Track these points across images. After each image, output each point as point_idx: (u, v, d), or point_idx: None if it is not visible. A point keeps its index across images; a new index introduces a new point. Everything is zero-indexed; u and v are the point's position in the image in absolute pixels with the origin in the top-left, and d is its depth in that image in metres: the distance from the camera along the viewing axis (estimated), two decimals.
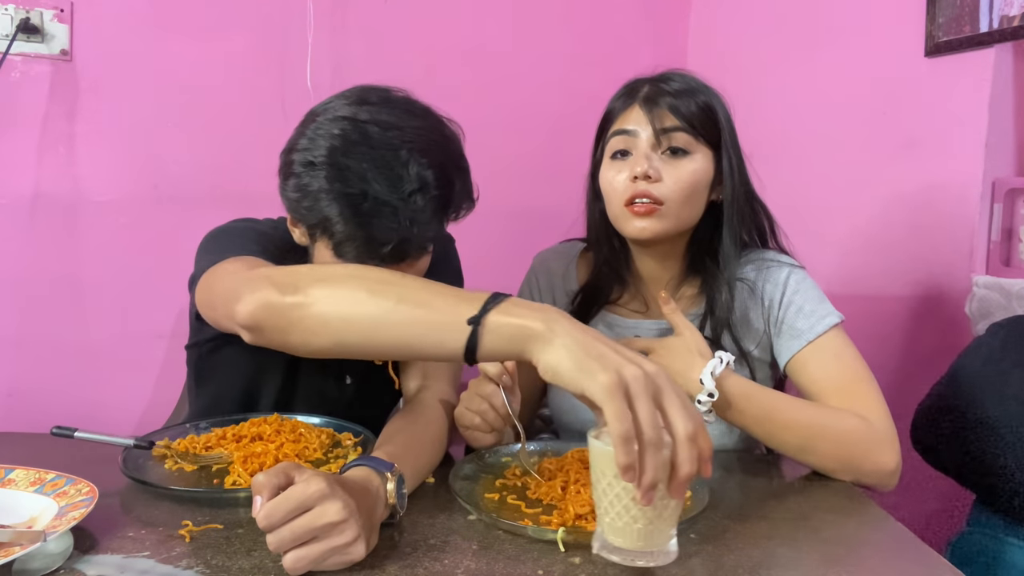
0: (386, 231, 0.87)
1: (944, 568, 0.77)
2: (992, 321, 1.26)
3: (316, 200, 0.88)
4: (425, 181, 0.88)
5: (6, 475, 0.83)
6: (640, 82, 1.11)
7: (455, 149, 0.96)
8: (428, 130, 0.93)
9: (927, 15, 1.48)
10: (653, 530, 0.68)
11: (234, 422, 1.05)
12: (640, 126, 1.06)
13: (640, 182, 1.04)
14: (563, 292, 1.22)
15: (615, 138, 1.08)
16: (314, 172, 0.88)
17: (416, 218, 0.88)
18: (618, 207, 1.07)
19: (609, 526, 0.70)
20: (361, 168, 0.86)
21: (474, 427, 0.96)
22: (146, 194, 1.81)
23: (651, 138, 1.05)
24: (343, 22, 1.88)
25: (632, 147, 1.07)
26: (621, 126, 1.08)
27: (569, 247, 1.27)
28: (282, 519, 0.67)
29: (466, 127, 2.06)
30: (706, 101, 1.08)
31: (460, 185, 0.94)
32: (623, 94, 1.11)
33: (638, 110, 1.07)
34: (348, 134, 0.88)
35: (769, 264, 1.12)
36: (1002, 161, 1.45)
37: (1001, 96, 1.42)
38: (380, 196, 0.86)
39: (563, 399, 1.18)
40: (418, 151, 0.89)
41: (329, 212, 0.88)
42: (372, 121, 0.89)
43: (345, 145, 0.87)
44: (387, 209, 0.86)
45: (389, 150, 0.87)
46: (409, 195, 0.87)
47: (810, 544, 0.81)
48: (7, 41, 1.68)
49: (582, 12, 2.04)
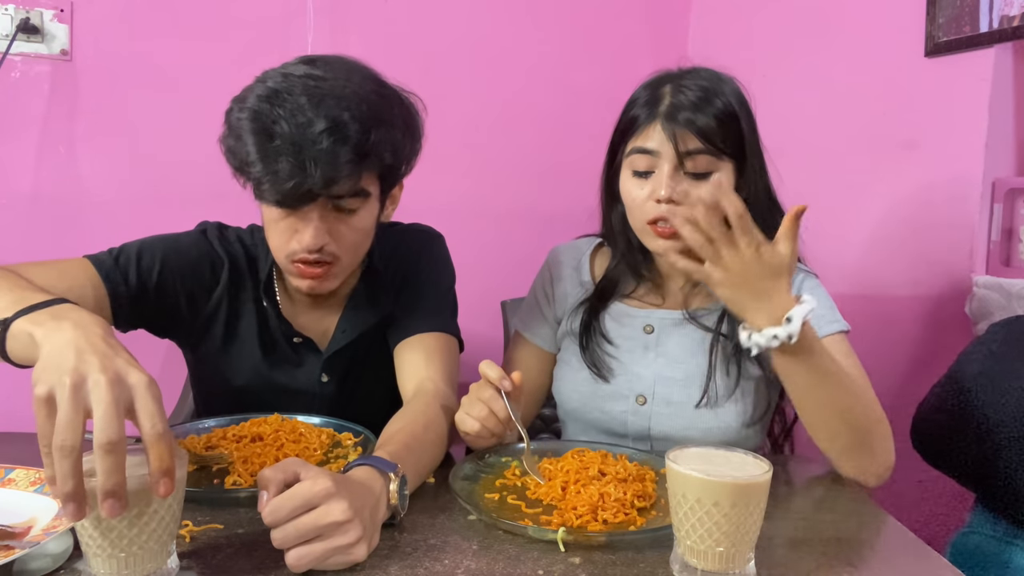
0: (291, 170, 0.91)
1: (944, 568, 0.77)
2: (992, 321, 1.26)
3: (237, 140, 0.96)
4: (335, 125, 0.92)
5: (6, 475, 0.83)
6: (662, 86, 1.07)
7: (385, 106, 0.99)
8: (356, 84, 0.97)
9: (927, 15, 1.48)
10: (735, 553, 0.70)
11: (234, 422, 1.05)
12: (662, 147, 1.03)
13: (663, 203, 1.02)
14: (575, 284, 1.22)
15: (637, 156, 1.06)
16: (240, 116, 0.95)
17: (320, 158, 0.91)
18: (640, 223, 1.07)
19: (690, 549, 0.71)
20: (276, 113, 0.92)
21: (476, 433, 0.95)
22: (146, 194, 1.81)
23: (673, 160, 1.03)
24: (343, 22, 1.88)
25: (654, 167, 1.05)
26: (643, 144, 1.05)
27: (584, 242, 1.27)
28: (287, 515, 0.67)
29: (465, 127, 2.07)
30: (728, 110, 1.04)
31: (378, 137, 0.96)
32: (647, 101, 1.07)
33: (660, 129, 1.04)
34: (277, 85, 0.95)
35: None
36: (1002, 161, 1.45)
37: (1001, 96, 1.42)
38: (287, 136, 0.91)
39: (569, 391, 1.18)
40: (334, 98, 0.93)
41: (246, 151, 0.94)
42: (304, 75, 0.95)
43: (269, 93, 0.94)
44: (293, 148, 0.91)
45: (308, 97, 0.93)
46: (317, 136, 0.91)
47: (810, 544, 0.81)
48: (7, 41, 1.68)
49: (582, 12, 2.04)
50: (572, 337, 1.19)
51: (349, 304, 1.17)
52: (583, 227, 1.27)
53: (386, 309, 1.18)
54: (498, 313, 1.72)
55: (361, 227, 1.03)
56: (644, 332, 1.15)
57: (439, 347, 1.13)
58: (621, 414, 1.13)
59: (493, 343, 1.69)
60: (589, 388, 1.15)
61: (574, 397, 1.17)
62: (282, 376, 1.17)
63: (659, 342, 1.14)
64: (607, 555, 0.76)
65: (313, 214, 0.98)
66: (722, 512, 0.68)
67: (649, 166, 1.05)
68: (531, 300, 1.27)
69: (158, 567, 0.67)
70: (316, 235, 0.98)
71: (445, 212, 1.92)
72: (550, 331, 1.23)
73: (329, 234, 1.00)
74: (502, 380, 0.93)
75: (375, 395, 1.22)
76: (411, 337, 1.14)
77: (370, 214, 1.05)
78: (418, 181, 1.95)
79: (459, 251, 1.29)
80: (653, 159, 1.04)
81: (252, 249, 1.17)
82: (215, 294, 1.13)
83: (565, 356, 1.21)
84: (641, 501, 0.86)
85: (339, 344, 1.16)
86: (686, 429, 1.10)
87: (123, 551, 0.65)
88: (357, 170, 0.96)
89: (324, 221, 0.99)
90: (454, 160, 1.97)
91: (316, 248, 0.99)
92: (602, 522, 0.81)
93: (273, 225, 1.02)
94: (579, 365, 1.17)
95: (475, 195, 1.99)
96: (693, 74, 1.08)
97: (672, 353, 1.13)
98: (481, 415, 0.94)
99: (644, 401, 1.12)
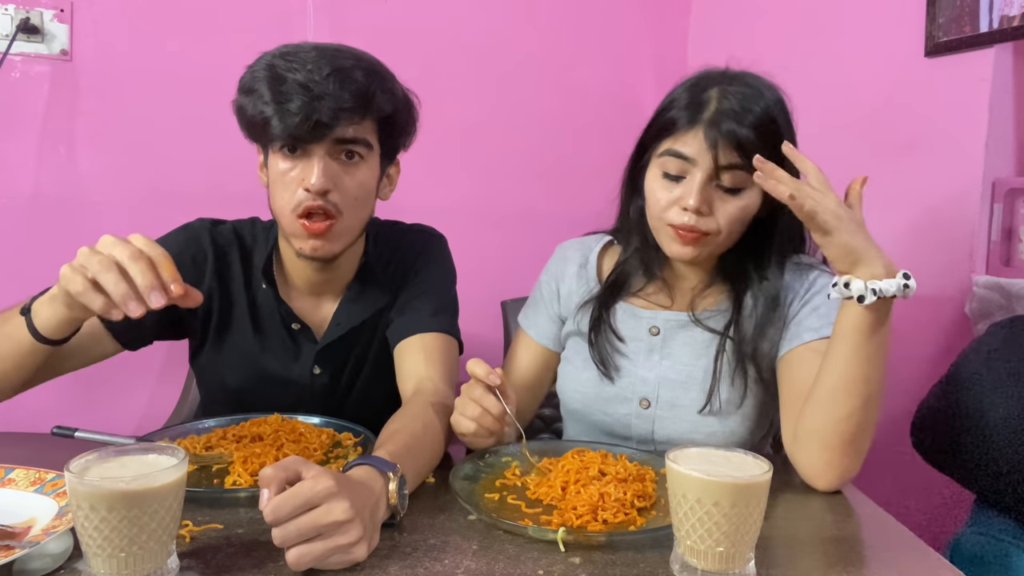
0: (300, 105, 0.99)
1: (944, 568, 0.77)
2: (992, 321, 1.26)
3: (250, 93, 1.02)
4: (341, 71, 1.01)
5: (6, 475, 0.83)
6: (708, 89, 1.02)
7: (387, 72, 1.09)
8: (361, 53, 1.07)
9: (927, 15, 1.48)
10: (735, 553, 0.70)
11: (234, 422, 1.05)
12: (700, 156, 1.00)
13: (690, 212, 1.01)
14: (582, 281, 1.20)
15: (671, 159, 1.02)
16: (255, 70, 1.03)
17: (328, 95, 0.99)
18: (661, 224, 1.05)
19: (690, 549, 0.71)
20: (288, 64, 1.01)
21: (472, 433, 0.95)
22: (146, 194, 1.81)
23: (710, 171, 1.00)
24: (343, 22, 1.88)
25: (687, 173, 1.02)
26: (680, 148, 1.01)
27: (593, 239, 1.24)
28: (288, 514, 0.68)
29: (464, 126, 2.07)
30: (773, 127, 1.01)
31: (380, 87, 1.05)
32: (688, 103, 1.02)
33: (700, 136, 1.00)
34: (288, 48, 1.04)
35: (803, 268, 1.11)
36: (1002, 161, 1.45)
37: (1001, 96, 1.42)
38: (298, 81, 1.00)
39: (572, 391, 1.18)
40: (342, 55, 1.04)
41: (259, 95, 1.01)
42: (307, 46, 1.05)
43: (282, 52, 1.04)
44: (302, 88, 0.99)
45: (318, 52, 1.02)
46: (324, 78, 1.00)
47: (810, 544, 0.81)
48: (7, 41, 1.68)
49: (582, 12, 2.04)
50: (578, 336, 1.18)
51: (346, 296, 1.18)
52: (583, 227, 1.27)
53: (381, 305, 1.19)
54: (498, 314, 1.71)
55: (363, 181, 1.07)
56: (650, 334, 1.14)
57: (438, 347, 1.13)
58: (625, 417, 1.13)
59: (493, 344, 1.69)
60: (593, 389, 1.15)
61: (576, 398, 1.17)
62: (276, 366, 1.17)
63: (664, 344, 1.13)
64: (607, 555, 0.76)
65: (319, 153, 1.02)
66: (722, 512, 0.68)
67: (681, 171, 1.02)
68: (536, 296, 1.25)
69: (158, 567, 0.67)
70: (323, 174, 1.02)
71: (445, 212, 1.91)
72: (553, 328, 1.22)
73: (333, 181, 1.03)
74: (489, 376, 0.93)
75: (370, 395, 1.22)
76: (411, 337, 1.14)
77: (371, 171, 1.08)
78: (419, 181, 1.95)
79: (460, 252, 1.29)
80: (687, 165, 1.01)
81: (248, 238, 1.19)
82: (203, 287, 1.15)
83: (569, 355, 1.20)
84: (641, 501, 0.86)
85: (333, 336, 1.17)
86: (690, 433, 1.09)
87: (123, 551, 0.65)
88: (360, 110, 1.02)
89: (330, 165, 1.03)
90: (454, 160, 1.97)
91: (322, 190, 1.02)
92: (602, 522, 0.81)
93: (280, 179, 1.05)
94: (584, 365, 1.16)
95: (475, 195, 1.99)
96: (740, 80, 1.03)
97: (677, 355, 1.12)
98: (475, 414, 0.94)
99: (648, 405, 1.12)
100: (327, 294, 1.19)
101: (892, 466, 1.43)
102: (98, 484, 0.64)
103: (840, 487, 0.96)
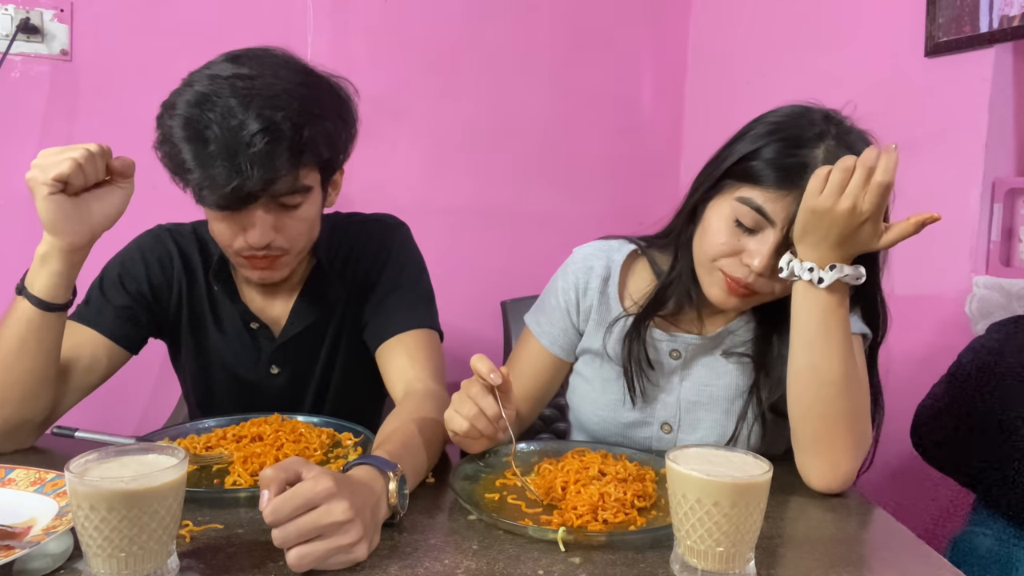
0: (228, 174, 0.92)
1: (944, 568, 0.77)
2: (992, 321, 1.26)
3: (172, 147, 0.96)
4: (268, 126, 0.92)
5: (6, 475, 0.83)
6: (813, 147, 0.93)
7: (316, 98, 1.00)
8: (284, 80, 0.97)
9: (927, 15, 1.48)
10: (735, 553, 0.70)
11: (234, 422, 1.05)
12: (779, 219, 0.93)
13: (747, 269, 0.95)
14: (601, 297, 1.12)
15: (748, 210, 0.94)
16: (171, 123, 0.96)
17: (257, 160, 0.92)
18: (713, 267, 0.99)
19: (690, 549, 0.71)
20: (207, 117, 0.93)
21: (464, 433, 0.90)
22: (146, 194, 1.80)
23: (780, 237, 0.93)
24: (343, 22, 1.88)
25: (761, 229, 0.95)
26: (761, 202, 0.93)
27: (614, 246, 1.15)
28: (288, 515, 0.67)
29: (464, 126, 2.07)
30: None
31: (313, 133, 0.97)
32: (785, 159, 0.93)
33: (789, 198, 0.92)
34: (205, 88, 0.95)
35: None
36: (1002, 161, 1.45)
37: (1001, 96, 1.42)
38: (221, 140, 0.92)
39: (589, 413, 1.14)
40: (264, 98, 0.94)
41: (181, 159, 0.95)
42: (232, 76, 0.95)
43: (199, 98, 0.94)
44: (228, 152, 0.92)
45: (238, 99, 0.93)
46: (251, 138, 0.92)
47: (810, 544, 0.81)
48: (7, 41, 1.68)
49: (582, 12, 2.04)
50: (595, 356, 1.13)
51: (300, 294, 1.17)
52: (583, 227, 1.27)
53: (340, 300, 1.17)
54: (498, 313, 1.71)
55: (306, 218, 1.04)
56: (671, 358, 1.10)
57: (420, 344, 1.12)
58: (645, 440, 1.11)
59: (493, 343, 1.69)
60: (613, 414, 1.12)
61: (594, 420, 1.13)
62: (239, 366, 1.18)
63: (684, 366, 1.10)
64: (607, 555, 0.76)
65: (256, 212, 0.99)
66: (722, 512, 0.68)
67: (756, 225, 0.95)
68: (552, 302, 1.15)
69: (158, 567, 0.67)
70: (262, 233, 1.00)
71: (445, 212, 1.92)
72: (568, 339, 1.15)
73: (274, 229, 1.01)
74: (491, 374, 0.87)
75: (349, 394, 1.21)
76: (391, 339, 1.12)
77: (314, 205, 1.05)
78: (419, 181, 1.95)
79: (459, 251, 1.29)
80: (762, 221, 0.94)
81: (209, 238, 1.16)
82: (174, 289, 1.15)
83: (586, 374, 1.15)
84: (641, 501, 0.86)
85: (288, 334, 1.16)
86: None
87: (123, 551, 0.65)
88: (294, 168, 0.97)
89: (268, 218, 1.00)
90: (454, 160, 1.97)
91: (263, 246, 1.01)
92: (602, 522, 0.81)
93: (216, 224, 1.03)
94: (603, 387, 1.12)
95: (475, 195, 1.99)
96: (845, 142, 0.96)
97: (696, 375, 1.09)
98: (470, 414, 0.88)
99: (670, 430, 1.10)
100: (282, 292, 1.18)
101: (892, 466, 1.43)
102: (98, 484, 0.64)
103: (836, 488, 0.95)
